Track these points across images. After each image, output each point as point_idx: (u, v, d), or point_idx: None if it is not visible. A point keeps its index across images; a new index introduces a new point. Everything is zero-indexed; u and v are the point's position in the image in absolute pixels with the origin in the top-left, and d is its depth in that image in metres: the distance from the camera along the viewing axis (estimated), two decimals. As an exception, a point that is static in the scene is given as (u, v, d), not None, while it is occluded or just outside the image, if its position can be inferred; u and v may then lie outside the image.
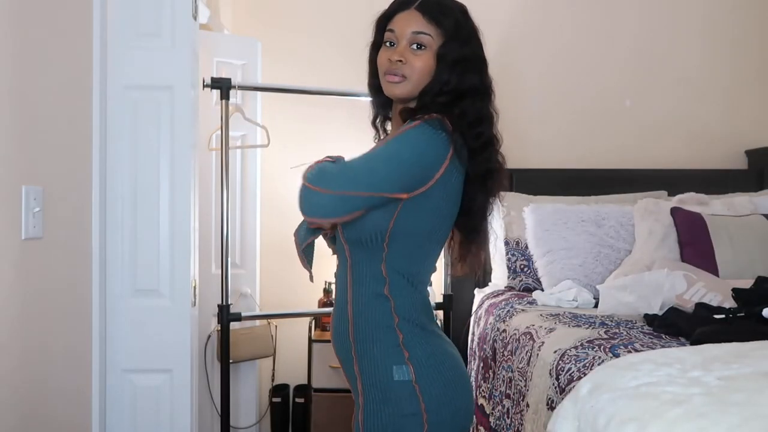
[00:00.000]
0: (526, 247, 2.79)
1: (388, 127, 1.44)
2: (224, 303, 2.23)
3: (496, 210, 1.39)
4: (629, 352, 1.66)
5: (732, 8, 3.28)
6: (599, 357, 1.67)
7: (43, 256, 1.50)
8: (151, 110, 1.85)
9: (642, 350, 1.66)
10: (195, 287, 1.92)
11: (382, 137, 1.44)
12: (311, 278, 1.36)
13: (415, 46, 1.25)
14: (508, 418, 2.03)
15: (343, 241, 1.28)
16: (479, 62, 1.29)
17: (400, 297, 1.26)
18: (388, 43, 1.29)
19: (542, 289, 2.64)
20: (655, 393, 1.15)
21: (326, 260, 1.52)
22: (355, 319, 1.27)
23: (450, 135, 1.21)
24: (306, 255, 1.35)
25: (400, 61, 1.24)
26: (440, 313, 2.46)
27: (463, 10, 1.30)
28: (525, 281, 2.77)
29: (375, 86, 1.37)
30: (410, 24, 1.26)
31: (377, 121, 1.43)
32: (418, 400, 1.21)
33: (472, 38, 1.28)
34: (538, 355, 1.90)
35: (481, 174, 1.27)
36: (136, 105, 1.84)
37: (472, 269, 1.40)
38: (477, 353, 2.48)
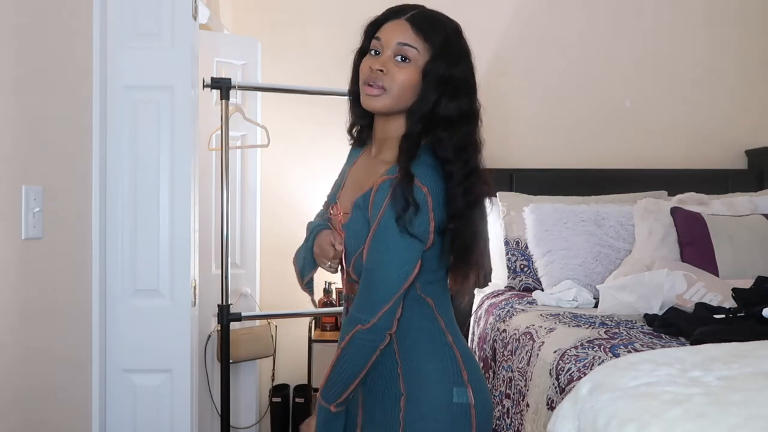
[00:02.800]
0: (526, 247, 2.79)
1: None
2: (224, 303, 2.23)
3: (494, 210, 1.38)
4: (629, 352, 1.66)
5: (732, 8, 3.28)
6: (599, 357, 1.67)
7: (43, 256, 1.50)
8: (151, 110, 1.85)
9: (642, 350, 1.66)
10: (195, 287, 1.92)
11: (354, 146, 1.38)
12: (313, 300, 1.40)
13: (399, 58, 1.18)
14: (508, 418, 2.03)
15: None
16: (467, 86, 1.20)
17: (446, 315, 1.23)
18: (373, 52, 1.21)
19: (542, 289, 2.64)
20: (655, 393, 1.15)
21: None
22: (401, 336, 1.20)
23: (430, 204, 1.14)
24: (309, 287, 1.35)
25: (381, 70, 1.17)
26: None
27: (456, 29, 1.22)
28: (525, 281, 2.77)
29: (356, 93, 1.27)
30: (397, 34, 1.18)
31: (354, 130, 1.36)
32: (470, 425, 1.18)
33: (461, 59, 1.20)
34: (538, 355, 1.90)
35: (463, 206, 1.18)
36: (136, 105, 1.84)
37: (457, 296, 1.35)
38: (477, 353, 2.48)
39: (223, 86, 2.24)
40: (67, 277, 1.64)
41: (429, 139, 1.18)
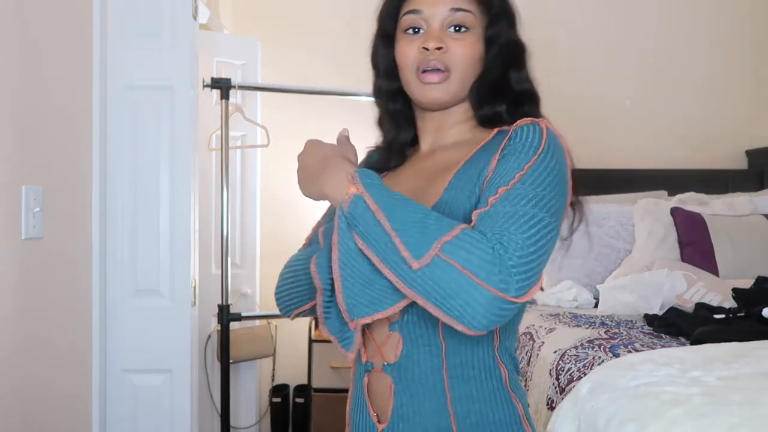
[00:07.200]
0: (526, 247, 2.79)
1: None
2: (224, 303, 2.23)
3: None
4: (629, 352, 1.66)
5: (734, 10, 3.28)
6: (599, 357, 1.67)
7: (43, 256, 1.50)
8: (151, 110, 1.85)
9: (642, 350, 1.65)
10: (195, 287, 1.92)
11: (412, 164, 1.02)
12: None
13: (453, 29, 0.92)
14: (508, 418, 2.03)
15: None
16: (526, 52, 1.00)
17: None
18: (410, 31, 0.94)
19: (542, 289, 2.64)
20: (655, 393, 1.15)
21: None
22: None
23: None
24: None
25: (440, 48, 0.91)
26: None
27: None
28: (525, 281, 2.77)
29: (391, 91, 1.00)
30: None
31: (395, 144, 1.03)
32: None
33: (515, 18, 1.00)
34: (538, 355, 1.90)
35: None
36: (136, 105, 1.84)
37: None
38: (477, 353, 2.48)
39: (223, 86, 2.24)
40: (67, 277, 1.64)
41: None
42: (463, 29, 0.92)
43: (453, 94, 0.93)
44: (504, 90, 0.94)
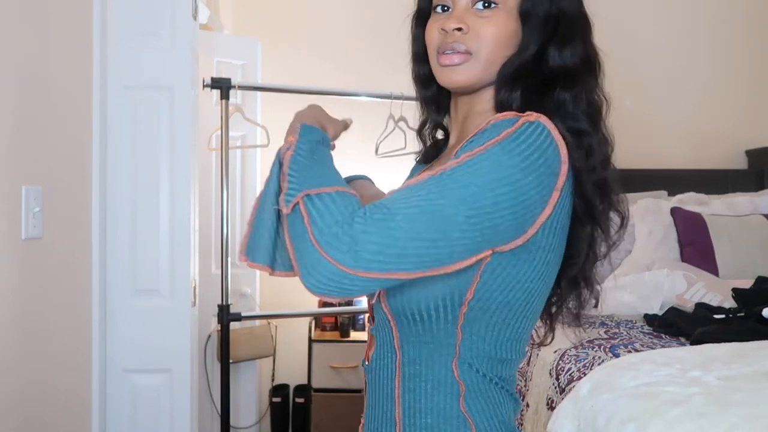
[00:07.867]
0: (526, 247, 2.79)
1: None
2: (224, 303, 2.23)
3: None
4: (629, 352, 1.66)
5: (734, 9, 3.28)
6: (599, 357, 1.67)
7: (43, 256, 1.50)
8: (151, 110, 1.85)
9: (642, 350, 1.66)
10: (195, 287, 1.92)
11: (442, 155, 0.96)
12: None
13: (481, 5, 0.84)
14: (508, 418, 2.03)
15: (386, 310, 0.84)
16: (583, 22, 0.91)
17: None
18: (439, 8, 0.87)
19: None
20: (655, 393, 1.15)
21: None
22: None
23: (560, 140, 0.76)
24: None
25: (459, 29, 0.83)
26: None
27: None
28: (525, 281, 2.77)
29: (423, 76, 0.94)
30: None
31: (426, 129, 0.99)
32: None
33: None
34: (538, 354, 1.90)
35: (591, 192, 0.82)
36: (136, 105, 1.84)
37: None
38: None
39: (223, 86, 2.24)
40: (67, 277, 1.64)
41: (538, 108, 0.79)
42: (492, 5, 0.83)
43: (477, 77, 0.84)
44: (531, 72, 0.83)
